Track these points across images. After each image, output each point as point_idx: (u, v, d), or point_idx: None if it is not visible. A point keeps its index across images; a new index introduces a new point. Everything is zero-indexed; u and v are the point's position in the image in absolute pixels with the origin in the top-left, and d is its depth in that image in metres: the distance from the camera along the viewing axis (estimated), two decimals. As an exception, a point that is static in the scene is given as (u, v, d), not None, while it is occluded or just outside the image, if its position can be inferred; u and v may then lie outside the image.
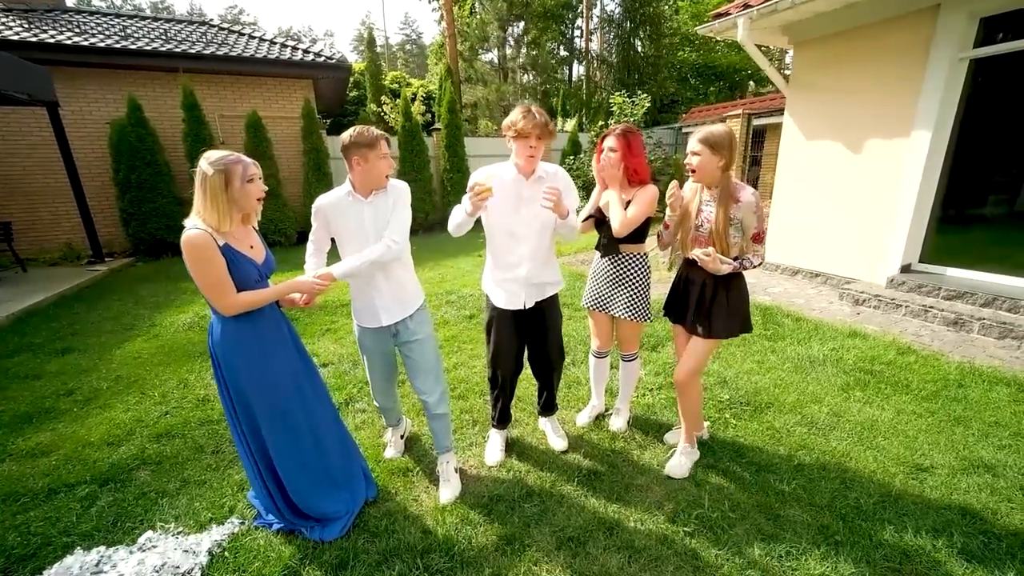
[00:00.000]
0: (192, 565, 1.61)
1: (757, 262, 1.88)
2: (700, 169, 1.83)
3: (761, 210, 1.84)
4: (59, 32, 7.46)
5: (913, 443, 2.35)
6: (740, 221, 1.84)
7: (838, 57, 4.69)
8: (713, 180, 1.86)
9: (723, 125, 1.86)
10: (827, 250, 5.08)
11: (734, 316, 1.94)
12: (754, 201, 1.81)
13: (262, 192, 1.67)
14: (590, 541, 1.79)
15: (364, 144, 1.79)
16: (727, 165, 1.81)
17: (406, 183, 2.03)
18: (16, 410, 2.87)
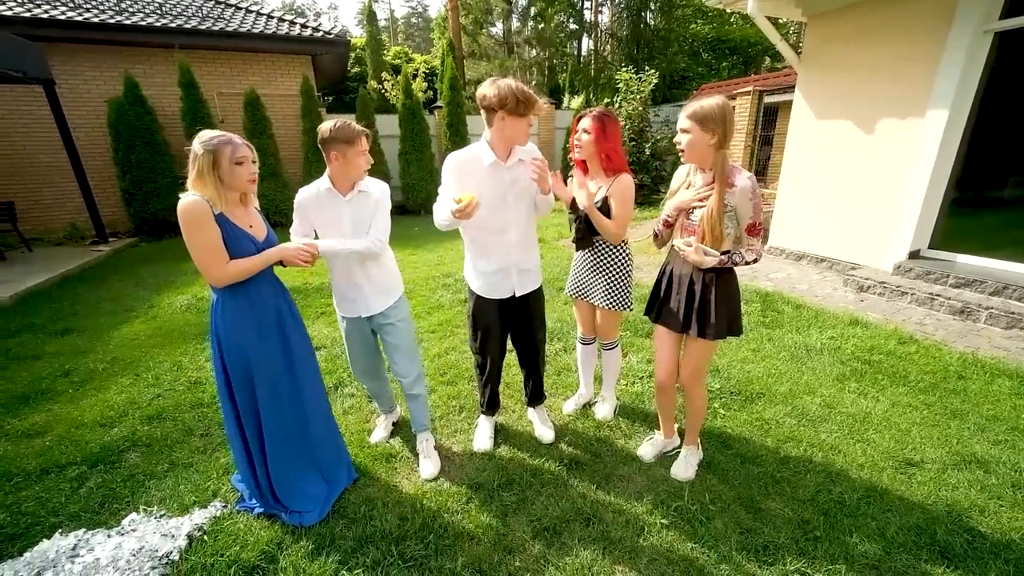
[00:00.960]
0: (171, 548, 1.63)
1: (751, 257, 1.69)
2: (690, 148, 1.66)
3: (759, 197, 1.65)
4: (53, 7, 7.33)
5: (905, 437, 2.30)
6: (734, 209, 1.66)
7: (852, 31, 4.44)
8: (705, 160, 1.68)
9: (716, 97, 1.64)
10: (833, 235, 4.93)
11: (721, 317, 1.79)
12: (750, 186, 1.63)
13: (252, 175, 1.65)
14: (566, 532, 1.78)
15: (343, 140, 1.78)
16: (721, 142, 1.62)
17: (386, 184, 2.03)
18: (14, 391, 2.92)
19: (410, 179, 9.40)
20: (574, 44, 23.52)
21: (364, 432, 2.45)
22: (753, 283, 4.62)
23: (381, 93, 12.03)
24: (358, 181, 1.89)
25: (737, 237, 1.76)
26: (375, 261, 2.00)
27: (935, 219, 4.24)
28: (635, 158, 8.34)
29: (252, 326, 1.72)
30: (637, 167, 8.37)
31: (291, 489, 1.87)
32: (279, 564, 1.66)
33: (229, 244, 1.60)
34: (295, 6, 50.73)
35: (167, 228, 7.74)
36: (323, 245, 1.84)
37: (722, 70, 15.82)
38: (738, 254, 1.71)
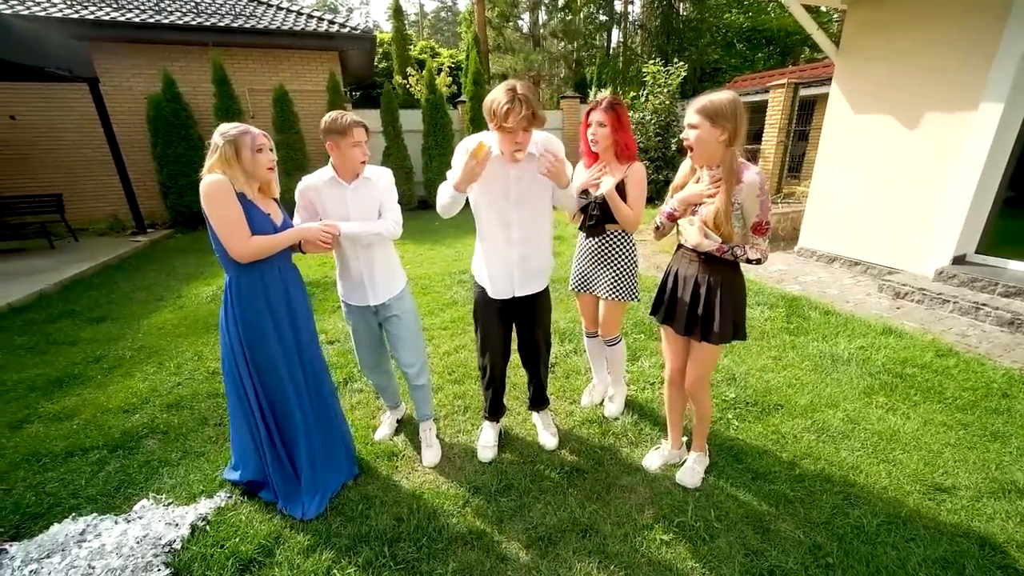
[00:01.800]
0: (174, 537, 1.69)
1: (753, 256, 1.62)
2: (698, 145, 1.56)
3: (767, 195, 1.58)
4: (99, 8, 7.70)
5: (936, 459, 2.13)
6: (740, 206, 1.58)
7: (896, 18, 4.14)
8: (713, 158, 1.59)
9: (726, 91, 1.56)
10: (869, 236, 4.65)
11: (727, 320, 1.72)
12: (758, 182, 1.55)
13: (271, 162, 1.71)
14: (562, 542, 1.74)
15: (336, 131, 1.80)
16: (731, 139, 1.52)
17: (389, 171, 2.02)
18: (50, 375, 3.10)
19: (432, 174, 9.45)
20: (603, 36, 23.03)
21: (370, 429, 2.46)
22: (779, 287, 4.41)
23: (406, 88, 12.10)
24: (358, 172, 1.88)
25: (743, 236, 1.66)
26: (383, 247, 2.01)
27: (984, 221, 3.93)
28: (660, 153, 8.09)
29: (264, 308, 1.75)
30: (663, 162, 8.14)
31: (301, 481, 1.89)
32: (275, 558, 1.69)
33: (249, 222, 1.64)
34: (328, 3, 51.74)
35: (200, 220, 8.06)
36: (345, 227, 1.85)
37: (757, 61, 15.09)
38: (740, 248, 1.63)
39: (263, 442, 1.84)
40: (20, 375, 3.12)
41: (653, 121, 8.13)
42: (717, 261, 1.69)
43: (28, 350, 3.52)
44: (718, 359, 1.93)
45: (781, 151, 7.39)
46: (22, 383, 3.01)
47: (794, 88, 7.02)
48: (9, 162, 7.87)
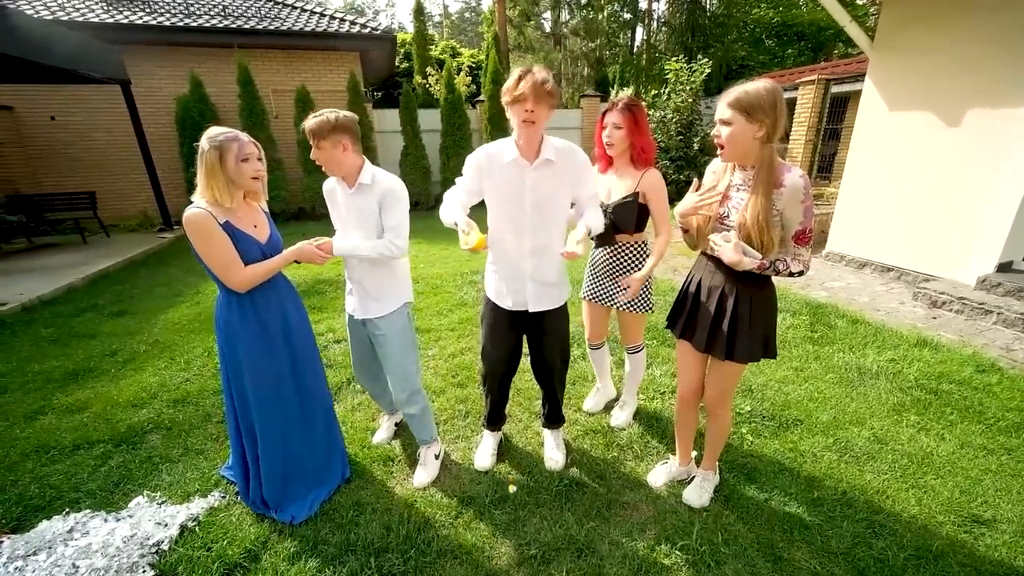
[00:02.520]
0: (162, 537, 1.67)
1: (796, 268, 1.44)
2: (731, 143, 1.38)
3: (811, 199, 1.38)
4: (132, 12, 7.98)
5: (974, 487, 1.94)
6: (780, 213, 1.39)
7: (937, 9, 3.87)
8: (748, 157, 1.41)
9: (763, 81, 1.36)
10: (904, 240, 4.37)
11: (757, 336, 1.56)
12: (802, 185, 1.35)
13: (257, 172, 1.66)
14: (556, 561, 1.65)
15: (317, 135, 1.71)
16: (770, 135, 1.34)
17: (398, 179, 1.87)
18: (67, 367, 3.18)
19: (449, 173, 9.42)
20: (627, 35, 22.65)
21: (368, 431, 2.42)
22: (804, 293, 4.19)
23: (426, 88, 12.16)
24: (355, 175, 1.81)
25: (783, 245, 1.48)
26: (382, 265, 1.90)
27: (1035, 226, 3.63)
28: (682, 153, 7.86)
29: (257, 330, 1.73)
30: (684, 163, 7.90)
31: (279, 494, 1.86)
32: (261, 563, 1.65)
33: (238, 251, 1.61)
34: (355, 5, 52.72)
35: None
36: (337, 245, 1.79)
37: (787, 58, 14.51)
38: (782, 262, 1.45)
39: (247, 448, 1.81)
40: (41, 366, 3.22)
41: (675, 120, 7.89)
42: (748, 272, 1.49)
43: (52, 342, 3.64)
44: (741, 376, 1.78)
45: (810, 151, 7.05)
46: (42, 375, 3.10)
47: (825, 84, 6.69)
48: (49, 161, 8.26)
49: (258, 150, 1.67)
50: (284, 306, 1.83)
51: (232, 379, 1.77)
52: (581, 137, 11.19)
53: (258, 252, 1.69)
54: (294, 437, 1.87)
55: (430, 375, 3.00)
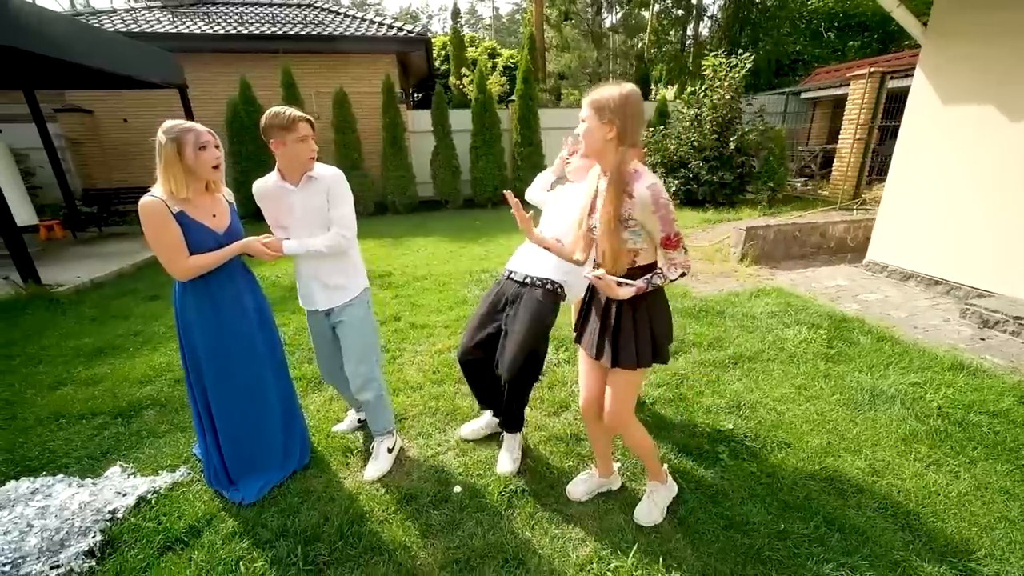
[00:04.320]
0: (118, 506, 1.79)
1: (674, 275, 1.41)
2: (585, 138, 1.40)
3: (666, 207, 1.34)
4: (192, 23, 8.70)
5: (982, 535, 1.67)
6: (640, 223, 1.38)
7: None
8: (603, 157, 1.40)
9: (623, 84, 1.35)
10: (956, 250, 3.87)
11: (643, 342, 1.48)
12: (650, 196, 1.32)
13: (217, 159, 1.73)
14: (479, 568, 1.59)
15: (279, 126, 1.72)
16: (622, 138, 1.33)
17: (339, 170, 1.91)
18: (95, 344, 3.50)
19: (479, 173, 9.52)
20: (678, 31, 21.85)
21: (335, 421, 2.47)
22: (830, 305, 3.82)
23: (460, 89, 12.34)
24: (308, 170, 1.84)
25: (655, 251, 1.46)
26: (336, 255, 1.94)
27: (1118, 238, 3.09)
28: (717, 153, 7.43)
29: (211, 315, 1.80)
30: (718, 163, 7.47)
31: (239, 470, 1.94)
32: (200, 539, 1.72)
33: (188, 240, 1.68)
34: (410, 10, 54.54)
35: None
36: (287, 247, 1.83)
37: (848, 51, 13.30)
38: (658, 275, 1.41)
39: (207, 433, 1.89)
40: (77, 342, 3.56)
41: (710, 118, 7.48)
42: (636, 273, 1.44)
43: (91, 320, 4.02)
44: (638, 388, 1.64)
45: (860, 150, 6.43)
46: (73, 349, 3.43)
47: (880, 79, 6.07)
48: (120, 158, 9.17)
49: (215, 138, 1.73)
50: (240, 294, 1.89)
51: (189, 362, 1.86)
52: (616, 137, 10.90)
53: (213, 242, 1.75)
54: (247, 422, 1.93)
55: (413, 370, 3.02)
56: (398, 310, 4.05)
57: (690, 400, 2.54)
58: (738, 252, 5.18)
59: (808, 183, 8.89)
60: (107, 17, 8.74)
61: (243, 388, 1.91)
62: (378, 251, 6.27)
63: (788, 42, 13.80)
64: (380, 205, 9.44)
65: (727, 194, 7.67)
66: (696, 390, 2.64)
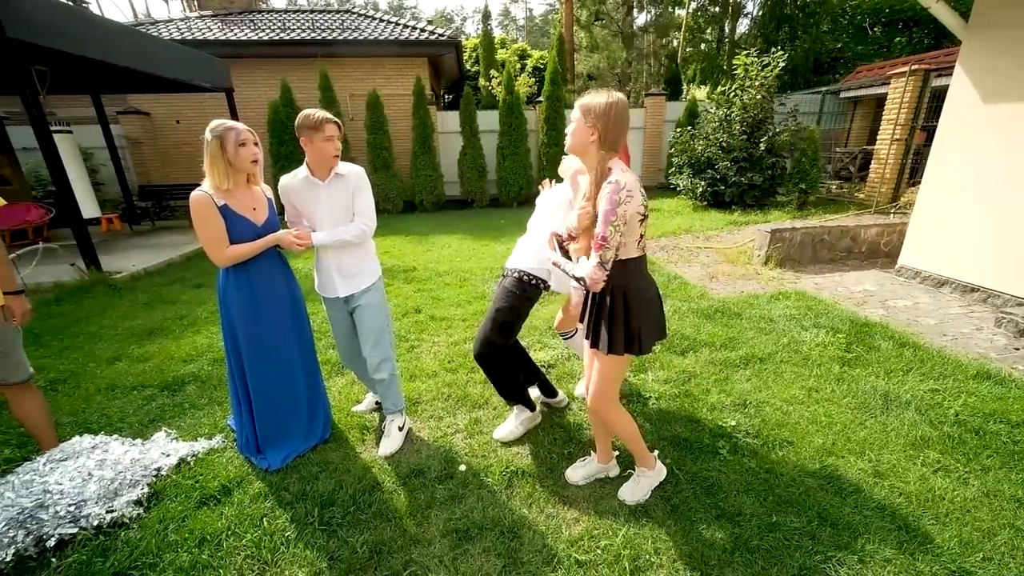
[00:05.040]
0: (162, 464, 2.01)
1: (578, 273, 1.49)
2: (572, 136, 1.52)
3: (613, 206, 1.38)
4: (240, 31, 9.24)
5: (984, 540, 1.65)
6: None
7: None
8: (587, 157, 1.52)
9: (610, 92, 1.46)
10: (996, 256, 3.69)
11: (618, 329, 1.57)
12: (607, 192, 1.40)
13: (255, 155, 1.92)
14: (477, 538, 1.71)
15: (308, 127, 1.90)
16: (602, 140, 1.45)
17: (360, 167, 2.10)
18: (146, 326, 3.85)
19: (504, 173, 9.66)
20: (715, 29, 21.31)
21: (355, 402, 2.65)
22: (855, 309, 3.73)
23: (489, 90, 12.52)
24: (333, 167, 2.01)
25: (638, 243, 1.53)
26: (356, 246, 2.12)
27: None
28: (746, 154, 7.27)
29: (249, 299, 2.01)
30: (747, 164, 7.30)
31: (267, 440, 2.14)
32: (230, 498, 1.92)
33: (230, 230, 1.88)
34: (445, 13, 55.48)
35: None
36: (316, 238, 2.01)
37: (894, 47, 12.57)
38: (573, 265, 1.54)
39: (241, 405, 2.10)
40: (131, 323, 3.93)
41: (739, 118, 7.33)
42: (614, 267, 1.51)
43: (143, 305, 4.40)
44: (619, 375, 1.70)
45: (900, 152, 6.15)
46: (128, 330, 3.78)
47: (924, 77, 5.79)
48: (173, 157, 9.86)
49: (253, 136, 1.93)
50: (276, 282, 2.08)
51: (229, 340, 2.07)
52: (644, 136, 10.82)
53: (252, 233, 1.95)
54: (277, 397, 2.13)
55: (429, 359, 3.18)
56: (419, 303, 4.22)
57: (695, 397, 2.58)
58: (762, 255, 5.09)
59: (844, 186, 8.54)
60: (164, 26, 9.42)
61: (274, 366, 2.10)
62: (404, 247, 6.51)
63: (828, 39, 13.20)
64: (408, 203, 9.73)
65: (756, 196, 7.49)
66: (703, 387, 2.67)
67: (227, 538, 1.71)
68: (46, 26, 4.30)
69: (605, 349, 1.59)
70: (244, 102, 8.91)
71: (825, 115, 10.29)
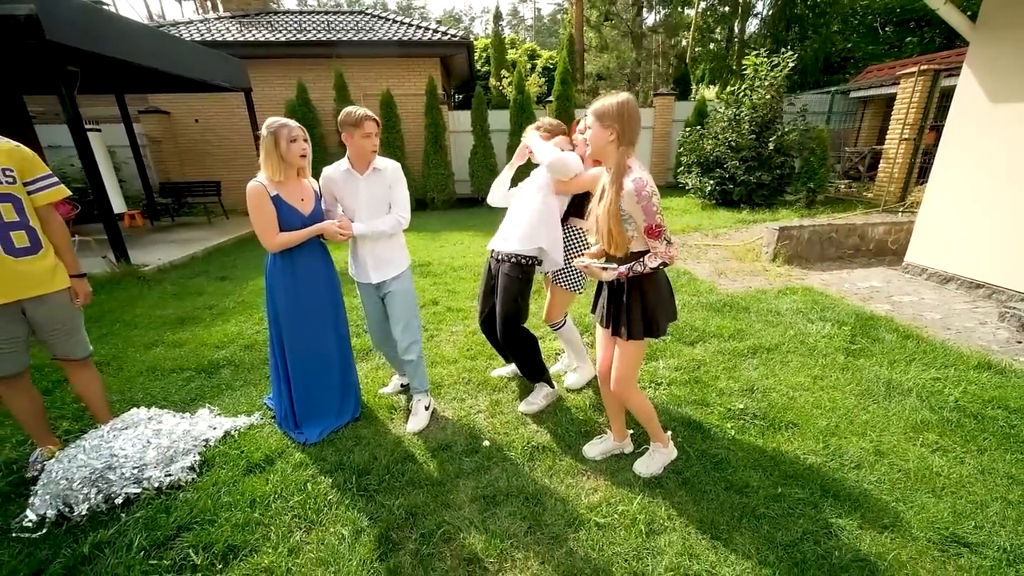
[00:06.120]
0: (210, 436, 2.18)
1: (654, 263, 1.61)
2: (591, 144, 1.66)
3: (649, 199, 1.54)
4: (257, 32, 9.46)
5: (976, 511, 1.77)
6: (628, 213, 1.61)
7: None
8: (606, 157, 1.65)
9: (619, 94, 1.60)
10: (1000, 253, 3.78)
11: (637, 316, 1.71)
12: (632, 190, 1.54)
13: (303, 151, 2.08)
14: (503, 504, 1.86)
15: (350, 123, 2.06)
16: (620, 139, 1.57)
17: (397, 162, 2.26)
18: (177, 315, 4.04)
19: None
20: (724, 29, 21.30)
21: (381, 384, 2.80)
22: (861, 304, 3.82)
23: (500, 90, 12.67)
24: (371, 161, 2.16)
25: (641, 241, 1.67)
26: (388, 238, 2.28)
27: None
28: (755, 153, 7.35)
29: (292, 282, 2.18)
30: (756, 163, 7.39)
31: (304, 415, 2.30)
32: (274, 466, 2.08)
33: (280, 218, 2.05)
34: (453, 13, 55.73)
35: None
36: (357, 228, 2.17)
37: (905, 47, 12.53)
38: (639, 263, 1.63)
39: (281, 381, 2.26)
40: (163, 312, 4.12)
41: (748, 118, 7.41)
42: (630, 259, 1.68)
43: (172, 296, 4.60)
44: (639, 359, 1.85)
45: (909, 151, 6.21)
46: (161, 318, 3.97)
47: (933, 77, 5.84)
48: (191, 155, 10.10)
49: (303, 133, 2.09)
50: (316, 269, 2.24)
51: (271, 320, 2.24)
52: (653, 136, 10.91)
53: (299, 222, 2.11)
54: (313, 374, 2.29)
55: (449, 347, 3.33)
56: (436, 296, 4.38)
57: (705, 383, 2.70)
58: (770, 252, 5.19)
59: (853, 185, 8.59)
60: (184, 27, 9.67)
61: (312, 345, 2.26)
62: (418, 243, 6.67)
63: (838, 39, 13.18)
64: (420, 201, 9.89)
65: (764, 195, 7.57)
66: (712, 375, 2.79)
67: (274, 500, 1.88)
68: (81, 29, 4.51)
69: (626, 335, 1.73)
70: (260, 101, 9.11)
71: (834, 115, 10.33)
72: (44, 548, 1.65)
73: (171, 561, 1.60)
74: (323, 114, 9.42)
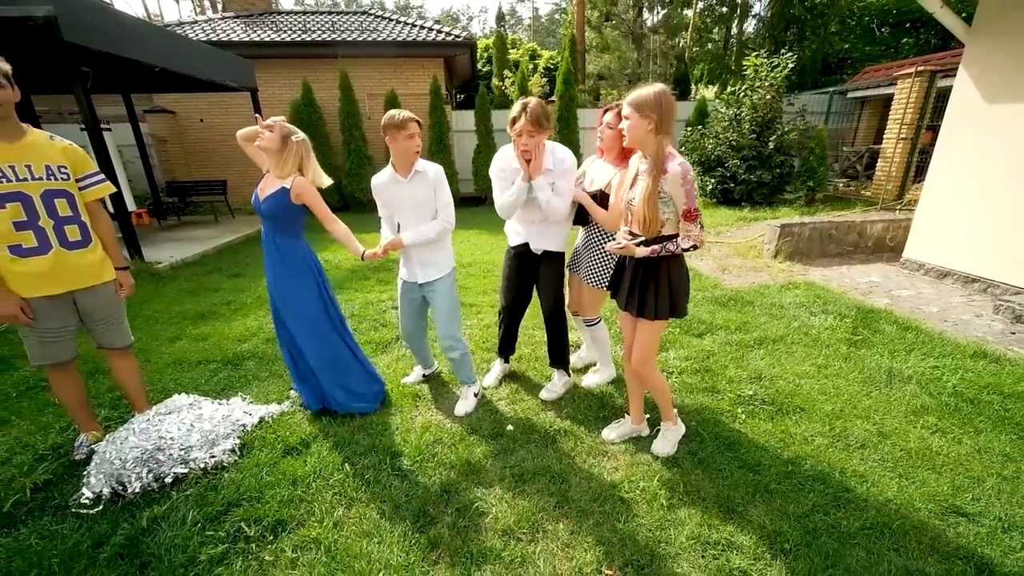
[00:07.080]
0: (247, 422, 2.29)
1: (687, 245, 1.74)
2: (629, 134, 1.73)
3: (691, 183, 1.67)
4: (263, 32, 9.53)
5: (974, 485, 1.90)
6: (669, 196, 1.71)
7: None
8: (645, 146, 1.74)
9: (655, 85, 1.70)
10: (995, 248, 3.92)
11: (663, 297, 1.83)
12: (680, 172, 1.64)
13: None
14: (531, 481, 1.97)
15: (393, 126, 2.11)
16: (658, 128, 1.66)
17: (439, 165, 2.30)
18: (197, 310, 4.13)
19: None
20: (722, 30, 21.49)
21: (403, 375, 2.91)
22: (861, 298, 3.96)
23: (502, 90, 12.77)
24: (414, 163, 2.21)
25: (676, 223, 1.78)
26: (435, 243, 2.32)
27: None
28: (755, 152, 7.49)
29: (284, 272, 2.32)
30: (757, 162, 7.52)
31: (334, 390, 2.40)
32: (309, 449, 2.19)
33: None
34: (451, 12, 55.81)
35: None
36: (406, 238, 2.24)
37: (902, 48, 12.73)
38: (673, 243, 1.75)
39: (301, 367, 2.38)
40: (181, 308, 4.21)
41: (749, 119, 7.55)
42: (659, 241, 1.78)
43: (188, 292, 4.69)
44: (659, 338, 1.98)
45: (907, 150, 6.36)
46: (180, 313, 4.07)
47: (930, 78, 5.99)
48: (197, 154, 10.16)
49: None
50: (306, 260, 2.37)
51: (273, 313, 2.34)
52: (654, 136, 11.02)
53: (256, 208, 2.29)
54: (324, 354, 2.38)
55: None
56: (448, 291, 4.48)
57: (715, 372, 2.82)
58: (771, 248, 5.32)
59: (851, 184, 8.74)
60: (190, 27, 9.72)
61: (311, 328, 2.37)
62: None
63: (836, 40, 13.36)
64: (424, 200, 10.00)
65: (765, 193, 7.71)
66: (721, 364, 2.92)
67: (314, 480, 1.98)
68: (96, 30, 4.59)
69: (653, 315, 1.85)
70: (265, 101, 9.17)
71: (833, 115, 10.49)
72: (103, 523, 1.76)
73: (225, 533, 1.71)
74: (327, 114, 9.50)
